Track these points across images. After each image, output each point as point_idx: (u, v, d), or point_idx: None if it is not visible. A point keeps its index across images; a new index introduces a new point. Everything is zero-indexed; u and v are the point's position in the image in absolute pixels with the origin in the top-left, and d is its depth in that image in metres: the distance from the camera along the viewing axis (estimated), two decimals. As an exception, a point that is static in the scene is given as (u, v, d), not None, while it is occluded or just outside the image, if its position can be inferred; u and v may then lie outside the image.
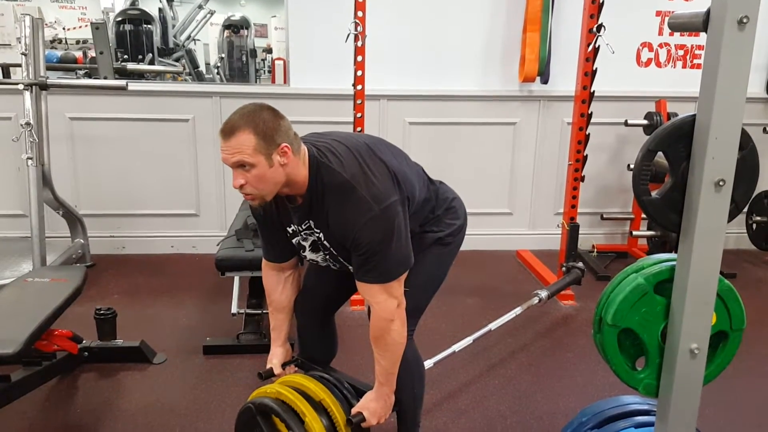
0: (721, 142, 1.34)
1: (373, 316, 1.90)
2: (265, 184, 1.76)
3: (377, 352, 1.94)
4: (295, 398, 1.91)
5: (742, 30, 1.28)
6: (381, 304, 1.87)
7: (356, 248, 1.81)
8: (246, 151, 1.70)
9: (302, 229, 1.94)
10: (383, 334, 1.89)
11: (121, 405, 2.71)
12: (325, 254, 1.97)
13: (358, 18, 3.32)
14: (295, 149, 1.78)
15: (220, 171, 4.49)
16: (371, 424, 1.96)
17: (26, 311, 2.49)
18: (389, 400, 2.00)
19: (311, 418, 1.88)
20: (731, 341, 1.58)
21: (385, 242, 1.80)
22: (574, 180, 3.84)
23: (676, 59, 4.61)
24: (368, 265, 1.83)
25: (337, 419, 1.92)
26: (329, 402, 1.94)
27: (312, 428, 1.87)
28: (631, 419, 1.77)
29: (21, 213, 4.32)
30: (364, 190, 1.79)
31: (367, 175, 1.82)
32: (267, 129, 1.72)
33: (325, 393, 1.96)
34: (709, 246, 1.41)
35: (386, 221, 1.80)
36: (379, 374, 1.96)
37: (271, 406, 1.92)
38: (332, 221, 1.83)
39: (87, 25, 7.13)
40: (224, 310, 3.42)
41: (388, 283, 1.85)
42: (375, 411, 1.95)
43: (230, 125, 1.73)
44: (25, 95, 3.63)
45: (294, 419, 1.88)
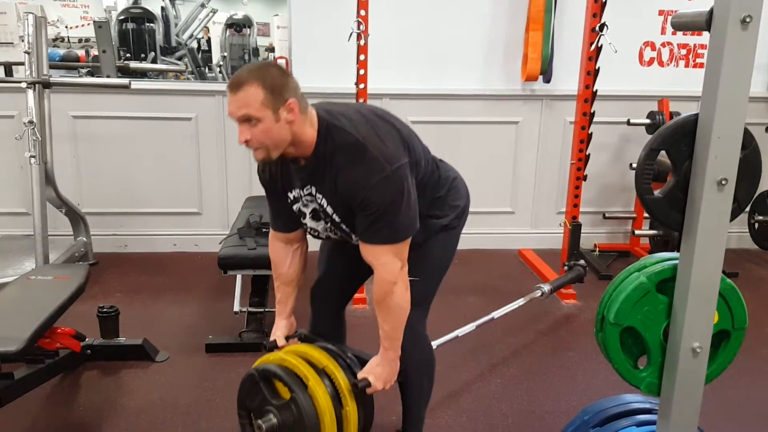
0: (723, 141, 1.35)
1: (377, 279, 1.89)
2: (270, 140, 1.77)
3: (381, 316, 1.93)
4: (298, 363, 1.89)
5: (745, 29, 1.28)
6: (386, 266, 1.86)
7: (365, 209, 1.80)
8: (253, 105, 1.71)
9: (303, 194, 1.93)
10: (386, 296, 1.88)
11: (123, 402, 2.72)
12: (326, 223, 1.96)
13: (360, 17, 3.32)
14: (302, 107, 1.79)
15: (223, 169, 4.50)
16: (377, 389, 1.93)
17: (29, 309, 2.50)
18: (394, 365, 1.98)
19: (314, 382, 1.85)
20: (733, 340, 1.58)
21: (395, 203, 1.80)
22: (576, 179, 3.84)
23: (678, 58, 4.61)
24: (376, 225, 1.82)
25: (341, 385, 1.88)
26: (332, 369, 1.91)
27: (315, 392, 1.84)
28: (632, 418, 1.77)
29: (24, 211, 4.33)
30: (376, 150, 1.79)
31: (379, 137, 1.83)
32: (275, 84, 1.73)
33: (328, 360, 1.93)
34: (712, 245, 1.41)
35: (397, 182, 1.80)
36: (384, 339, 1.95)
37: (274, 371, 1.90)
38: (341, 182, 1.82)
39: (89, 23, 7.15)
40: (226, 309, 3.42)
41: (395, 244, 1.84)
42: (380, 375, 1.94)
43: (238, 79, 1.74)
44: (28, 93, 3.63)
45: (297, 383, 1.85)
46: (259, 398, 1.95)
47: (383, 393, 2.71)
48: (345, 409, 1.88)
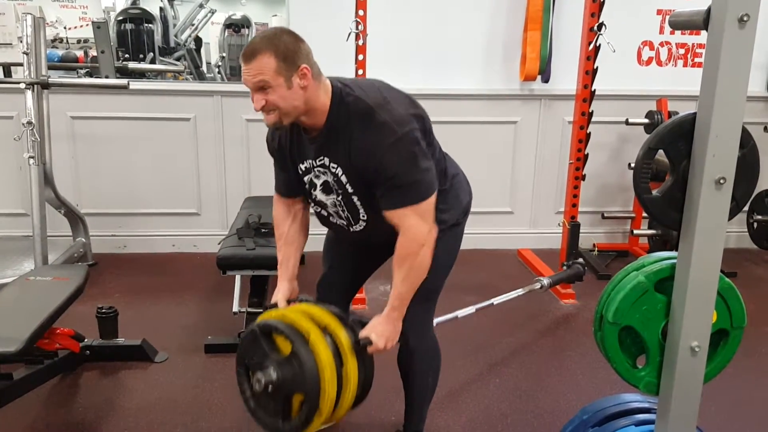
0: (721, 140, 1.35)
1: (403, 240, 1.87)
2: (284, 107, 1.79)
3: (398, 275, 1.91)
4: (300, 319, 1.87)
5: (742, 28, 1.28)
6: (413, 228, 1.85)
7: (382, 173, 1.80)
8: (267, 73, 1.74)
9: (316, 165, 1.93)
10: (410, 257, 1.87)
11: (122, 403, 2.72)
12: (337, 196, 1.95)
13: (359, 17, 3.33)
14: (314, 73, 1.81)
15: (222, 170, 4.50)
16: (378, 348, 1.92)
17: (28, 310, 2.50)
18: (398, 326, 1.97)
19: (316, 336, 1.83)
20: (732, 339, 1.58)
21: (410, 162, 1.81)
22: (575, 179, 3.84)
23: (676, 58, 4.61)
24: (395, 189, 1.82)
25: (342, 343, 1.86)
26: (334, 327, 1.89)
27: (317, 346, 1.81)
28: (631, 417, 1.78)
29: (23, 212, 4.33)
30: (387, 115, 1.80)
31: (388, 101, 1.85)
32: (288, 51, 1.75)
33: (330, 319, 1.91)
34: (710, 244, 1.41)
35: (410, 143, 1.81)
36: (394, 297, 1.93)
37: (275, 325, 1.87)
38: (354, 149, 1.82)
39: (88, 24, 7.14)
40: (225, 309, 3.42)
41: (418, 204, 1.83)
42: (383, 334, 1.93)
43: (251, 48, 1.75)
44: (27, 94, 3.63)
45: (298, 337, 1.82)
46: (258, 354, 1.91)
47: (383, 390, 2.72)
48: (345, 367, 1.85)
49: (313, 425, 1.84)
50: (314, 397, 1.80)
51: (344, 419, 2.59)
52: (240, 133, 4.44)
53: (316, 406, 1.81)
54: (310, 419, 1.82)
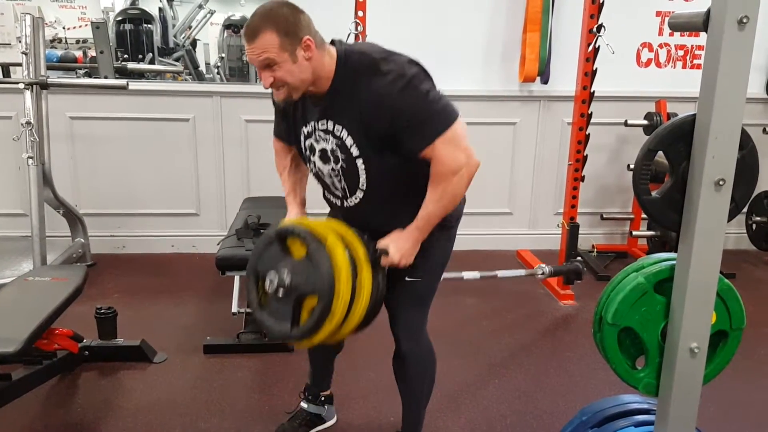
0: (721, 141, 1.35)
1: (439, 167, 1.82)
2: (292, 80, 1.79)
3: (431, 196, 1.86)
4: (316, 225, 1.86)
5: (742, 30, 1.29)
6: (448, 156, 1.80)
7: (399, 118, 1.78)
8: (271, 51, 1.74)
9: (318, 128, 1.92)
10: (447, 180, 1.83)
11: (121, 404, 2.71)
12: (336, 163, 1.93)
13: (358, 18, 3.33)
14: (317, 42, 1.81)
15: (221, 170, 4.50)
16: (392, 261, 1.90)
17: (27, 310, 2.49)
18: (416, 246, 1.93)
19: (333, 240, 1.80)
20: (731, 340, 1.58)
21: (424, 99, 1.79)
22: (574, 180, 3.84)
23: (676, 59, 4.62)
24: (417, 128, 1.79)
25: (358, 253, 1.84)
26: (351, 238, 1.87)
27: (334, 249, 1.78)
28: (630, 418, 1.77)
29: (21, 212, 4.33)
30: (393, 64, 1.82)
31: (391, 54, 1.87)
32: (289, 25, 1.75)
33: (347, 231, 1.89)
34: (709, 245, 1.41)
35: (419, 82, 1.80)
36: (420, 217, 1.89)
37: (292, 228, 1.84)
38: (365, 100, 1.81)
39: (87, 24, 7.14)
40: (224, 310, 3.42)
41: (446, 132, 1.79)
42: (400, 249, 1.90)
43: (252, 27, 1.75)
44: (26, 94, 3.63)
45: (315, 239, 1.80)
46: (272, 258, 1.87)
47: (381, 393, 2.72)
48: (360, 276, 1.83)
49: (322, 331, 1.80)
50: (328, 298, 1.76)
51: (344, 420, 2.60)
52: (239, 134, 4.44)
53: (329, 309, 1.77)
54: (321, 322, 1.78)
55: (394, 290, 2.05)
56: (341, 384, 2.72)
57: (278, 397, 2.76)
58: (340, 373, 2.61)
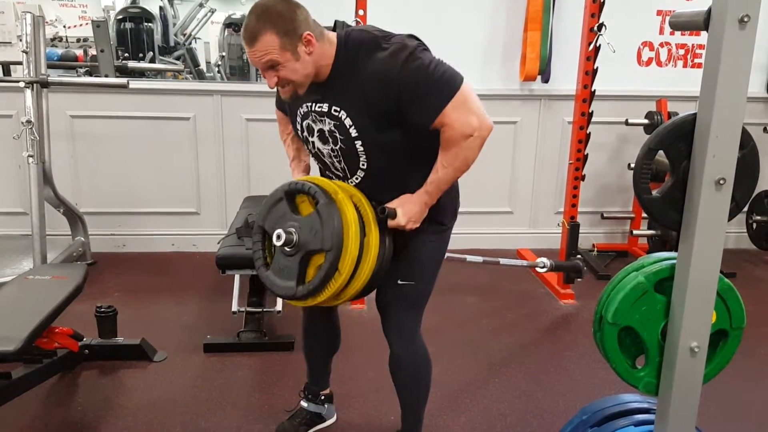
0: (721, 141, 1.35)
1: (450, 132, 1.81)
2: (297, 77, 1.80)
3: (443, 163, 1.85)
4: (326, 182, 1.86)
5: (743, 29, 1.28)
6: (459, 121, 1.79)
7: (404, 91, 1.77)
8: (273, 52, 1.74)
9: (314, 109, 1.91)
10: (455, 145, 1.82)
11: (121, 402, 2.71)
12: (335, 144, 1.92)
13: (359, 17, 3.33)
14: (317, 35, 1.80)
15: (221, 169, 4.50)
16: (399, 223, 1.88)
17: (27, 309, 2.50)
18: (425, 210, 1.92)
19: (343, 196, 1.80)
20: (731, 340, 1.58)
21: (427, 68, 1.77)
22: (574, 179, 3.84)
23: (676, 58, 4.61)
24: (425, 98, 1.77)
25: (367, 212, 1.83)
26: (360, 197, 1.87)
27: (343, 203, 1.78)
28: (631, 417, 1.77)
29: (22, 211, 4.33)
30: (393, 40, 1.81)
31: (390, 33, 1.85)
32: (287, 24, 1.74)
33: (356, 191, 1.89)
34: (710, 244, 1.41)
35: (420, 53, 1.79)
36: (430, 181, 1.88)
37: (302, 184, 1.84)
38: (368, 77, 1.80)
39: (88, 23, 7.12)
40: (225, 309, 3.42)
41: (454, 98, 1.78)
42: (408, 212, 1.89)
43: (250, 31, 1.74)
44: (26, 93, 3.63)
45: (324, 194, 1.79)
46: (280, 216, 1.86)
47: (381, 392, 2.72)
48: (368, 237, 1.82)
49: (327, 289, 1.79)
50: (336, 254, 1.75)
51: (344, 418, 2.60)
52: (239, 133, 4.44)
53: (336, 265, 1.76)
54: (328, 279, 1.77)
55: (386, 293, 2.05)
56: (341, 383, 2.72)
57: (278, 396, 2.76)
58: (340, 372, 2.61)
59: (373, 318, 1.98)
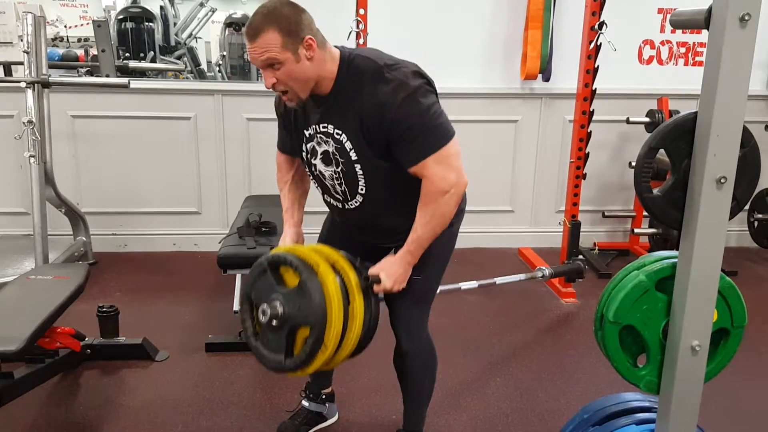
0: (722, 139, 1.34)
1: (427, 187, 1.84)
2: (295, 80, 1.80)
3: (420, 221, 1.88)
4: (309, 252, 1.86)
5: (743, 27, 1.28)
6: (438, 176, 1.82)
7: (396, 129, 1.79)
8: (273, 50, 1.74)
9: (319, 131, 1.92)
10: (434, 201, 1.84)
11: (123, 402, 2.72)
12: (337, 166, 1.93)
13: (360, 15, 3.33)
14: (319, 42, 1.81)
15: (222, 168, 4.50)
16: (386, 288, 1.90)
17: (29, 309, 2.50)
18: (408, 270, 1.94)
19: (325, 268, 1.80)
20: (732, 338, 1.57)
21: (424, 113, 1.80)
22: (575, 177, 3.84)
23: (677, 57, 4.61)
24: (413, 141, 1.80)
25: (350, 281, 1.84)
26: (343, 264, 1.87)
27: (325, 277, 1.79)
28: (632, 416, 1.77)
29: (23, 211, 4.33)
30: (397, 72, 1.81)
31: (397, 64, 1.86)
32: (290, 24, 1.75)
33: (339, 257, 1.90)
34: (711, 243, 1.41)
35: (421, 96, 1.80)
36: (411, 241, 1.90)
37: (284, 256, 1.84)
38: (367, 107, 1.81)
39: (89, 23, 7.13)
40: (226, 308, 3.43)
41: (439, 151, 1.81)
42: (392, 275, 1.91)
43: (254, 26, 1.75)
44: (27, 93, 3.63)
45: (306, 267, 1.80)
46: (265, 288, 1.88)
47: (383, 391, 2.72)
48: (352, 305, 1.83)
49: (316, 361, 1.80)
50: (320, 330, 1.76)
51: (345, 418, 2.60)
52: (240, 132, 4.44)
53: (322, 339, 1.77)
54: (314, 353, 1.78)
55: None
56: (343, 382, 2.73)
57: (280, 396, 2.77)
58: (342, 371, 2.61)
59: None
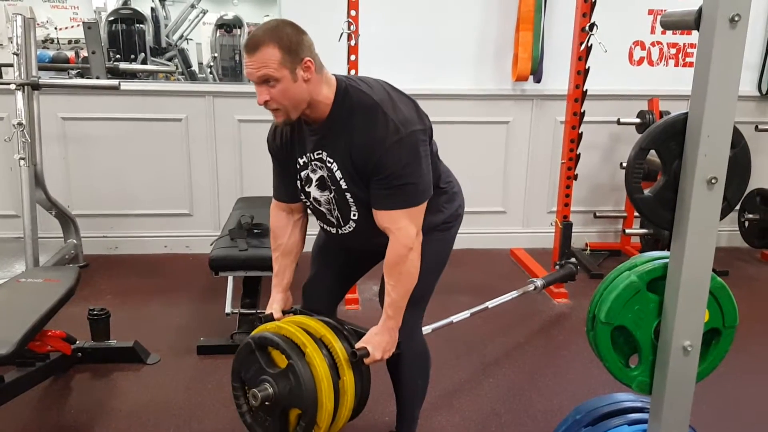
0: (713, 139, 1.35)
1: (393, 244, 1.88)
2: (289, 100, 1.79)
3: (389, 283, 1.92)
4: (296, 331, 1.87)
5: (733, 28, 1.29)
6: (402, 230, 1.86)
7: (379, 171, 1.80)
8: (271, 65, 1.73)
9: (314, 158, 1.92)
10: (400, 262, 1.88)
11: (114, 405, 2.70)
12: (330, 193, 1.95)
13: (351, 17, 3.32)
14: (317, 66, 1.81)
15: (214, 170, 4.49)
16: (375, 359, 1.92)
17: (19, 312, 2.48)
18: (394, 335, 1.97)
19: (312, 349, 1.83)
20: (724, 338, 1.58)
21: (409, 166, 1.81)
22: (567, 178, 3.85)
23: (668, 58, 4.63)
24: (391, 190, 1.82)
25: (338, 355, 1.86)
26: (330, 338, 1.89)
27: (313, 359, 1.81)
28: (624, 416, 1.78)
29: (13, 213, 4.30)
30: (392, 113, 1.81)
31: (394, 101, 1.85)
32: (291, 43, 1.75)
33: (326, 330, 1.91)
34: (702, 243, 1.41)
35: (411, 145, 1.81)
36: (388, 307, 1.94)
37: (271, 338, 1.87)
38: (355, 144, 1.82)
39: (79, 24, 7.11)
40: (218, 310, 3.41)
41: (412, 208, 1.84)
42: (379, 345, 1.93)
43: (254, 40, 1.75)
44: (17, 95, 3.61)
45: (294, 350, 1.82)
46: (254, 368, 1.91)
47: (376, 392, 2.71)
48: (342, 379, 1.86)
49: None
50: (311, 412, 1.80)
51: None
52: (232, 134, 4.43)
53: (314, 421, 1.81)
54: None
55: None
56: (335, 384, 2.72)
57: (272, 398, 2.75)
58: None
59: (367, 318, 1.99)
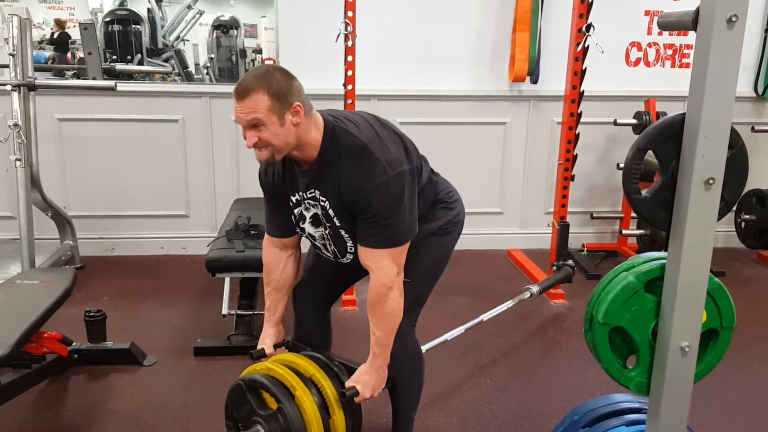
0: (710, 140, 1.35)
1: (373, 283, 1.91)
2: (277, 143, 1.80)
3: (373, 322, 1.94)
4: (285, 373, 1.90)
5: (731, 29, 1.29)
6: (383, 270, 1.88)
7: (365, 211, 1.83)
8: (260, 111, 1.75)
9: (307, 197, 1.95)
10: (381, 301, 1.90)
11: (111, 407, 2.70)
12: (325, 229, 1.98)
13: (348, 18, 3.32)
14: (306, 110, 1.82)
15: (210, 171, 4.48)
16: (365, 398, 1.94)
17: (15, 313, 2.48)
18: (383, 373, 1.99)
19: (301, 391, 1.86)
20: (721, 339, 1.58)
21: (394, 207, 1.83)
22: (564, 179, 3.85)
23: (665, 58, 4.63)
24: (375, 228, 1.85)
25: (328, 395, 1.89)
26: (320, 378, 1.92)
27: (302, 402, 1.85)
28: (622, 417, 1.78)
29: (9, 215, 4.29)
30: (380, 154, 1.83)
31: (382, 141, 1.87)
32: (280, 89, 1.76)
33: (315, 369, 1.94)
34: (699, 244, 1.41)
35: (397, 187, 1.83)
36: (374, 345, 1.96)
37: (261, 381, 1.90)
38: (344, 184, 1.85)
39: (75, 25, 7.10)
40: (215, 312, 3.41)
41: (393, 248, 1.87)
42: (368, 383, 1.94)
43: (244, 86, 1.76)
44: (13, 96, 3.61)
45: (284, 393, 1.86)
46: (246, 409, 1.95)
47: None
48: (333, 419, 1.89)
49: None
50: None
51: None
52: (229, 135, 4.42)
53: None
54: None
55: None
56: (333, 385, 2.71)
57: (269, 399, 2.75)
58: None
59: (364, 320, 1.98)
